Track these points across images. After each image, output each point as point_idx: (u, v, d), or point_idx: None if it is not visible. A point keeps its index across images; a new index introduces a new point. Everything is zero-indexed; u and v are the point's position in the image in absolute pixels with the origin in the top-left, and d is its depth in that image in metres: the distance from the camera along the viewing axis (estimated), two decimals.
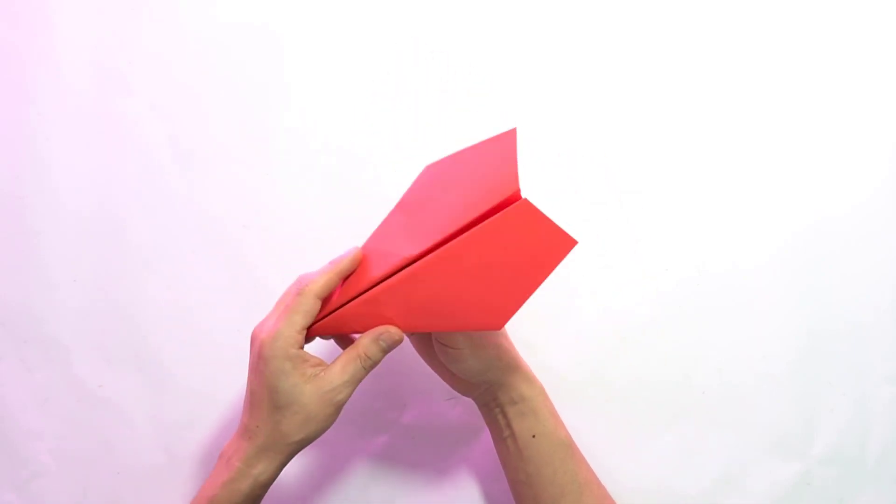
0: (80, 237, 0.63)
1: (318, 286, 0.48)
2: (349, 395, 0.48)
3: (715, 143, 0.65)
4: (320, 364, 0.49)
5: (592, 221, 0.63)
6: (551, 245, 0.47)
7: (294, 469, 0.61)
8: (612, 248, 0.63)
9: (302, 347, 0.48)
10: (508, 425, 0.54)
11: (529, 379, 0.55)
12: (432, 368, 0.56)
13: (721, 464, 0.61)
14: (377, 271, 0.49)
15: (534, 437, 0.53)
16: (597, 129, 0.65)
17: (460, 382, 0.55)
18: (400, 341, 0.49)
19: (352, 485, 0.61)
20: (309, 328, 0.49)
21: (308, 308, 0.48)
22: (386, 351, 0.49)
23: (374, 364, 0.49)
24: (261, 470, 0.48)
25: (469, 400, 0.58)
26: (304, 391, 0.47)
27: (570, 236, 0.47)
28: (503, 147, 0.49)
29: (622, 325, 0.63)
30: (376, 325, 0.49)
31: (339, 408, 0.48)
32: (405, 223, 0.50)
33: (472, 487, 0.61)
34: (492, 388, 0.54)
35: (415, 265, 0.48)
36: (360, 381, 0.49)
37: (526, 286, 0.48)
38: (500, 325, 0.48)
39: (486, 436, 0.61)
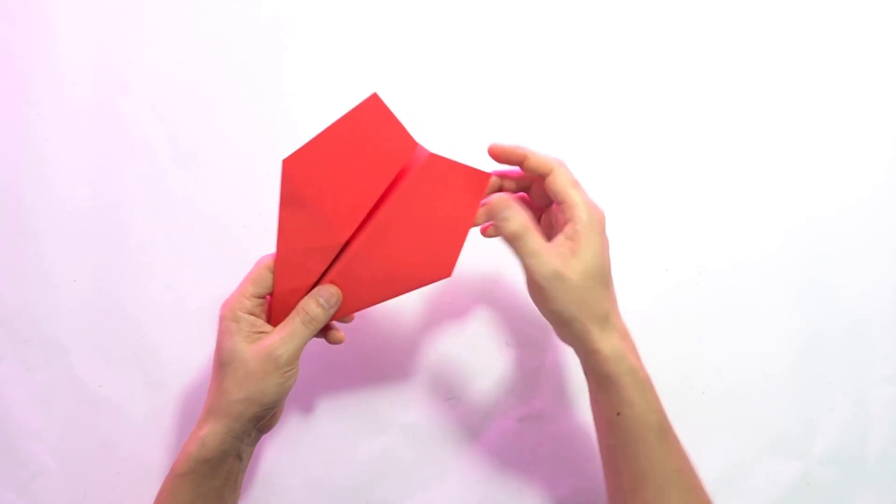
0: (80, 237, 0.63)
1: (271, 259, 0.51)
2: (290, 354, 0.49)
3: (714, 143, 0.65)
4: (270, 332, 0.50)
5: None
6: (470, 186, 0.50)
7: (293, 468, 0.61)
8: (611, 247, 0.63)
9: (256, 315, 0.50)
10: (595, 394, 0.50)
11: (619, 355, 0.49)
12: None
13: (721, 464, 0.61)
14: (316, 266, 0.50)
15: (618, 414, 0.49)
16: (596, 129, 0.65)
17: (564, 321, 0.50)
18: (338, 297, 0.50)
19: (351, 485, 0.61)
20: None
21: (256, 276, 0.50)
22: (325, 308, 0.50)
23: (315, 322, 0.50)
24: (207, 431, 0.49)
25: (469, 400, 0.58)
26: (246, 348, 0.49)
27: (484, 172, 0.50)
28: (373, 114, 0.49)
29: None
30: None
31: (279, 367, 0.48)
32: (313, 217, 0.49)
33: (472, 488, 0.61)
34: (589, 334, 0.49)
35: (352, 245, 0.50)
36: (301, 338, 0.49)
37: (461, 228, 0.51)
38: (450, 272, 0.51)
39: (487, 436, 0.61)
